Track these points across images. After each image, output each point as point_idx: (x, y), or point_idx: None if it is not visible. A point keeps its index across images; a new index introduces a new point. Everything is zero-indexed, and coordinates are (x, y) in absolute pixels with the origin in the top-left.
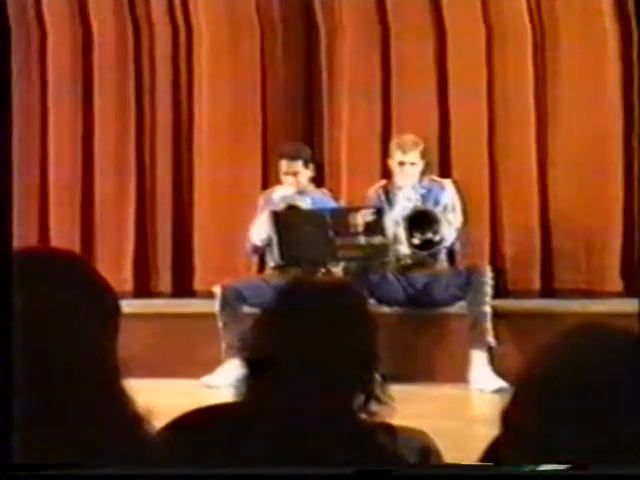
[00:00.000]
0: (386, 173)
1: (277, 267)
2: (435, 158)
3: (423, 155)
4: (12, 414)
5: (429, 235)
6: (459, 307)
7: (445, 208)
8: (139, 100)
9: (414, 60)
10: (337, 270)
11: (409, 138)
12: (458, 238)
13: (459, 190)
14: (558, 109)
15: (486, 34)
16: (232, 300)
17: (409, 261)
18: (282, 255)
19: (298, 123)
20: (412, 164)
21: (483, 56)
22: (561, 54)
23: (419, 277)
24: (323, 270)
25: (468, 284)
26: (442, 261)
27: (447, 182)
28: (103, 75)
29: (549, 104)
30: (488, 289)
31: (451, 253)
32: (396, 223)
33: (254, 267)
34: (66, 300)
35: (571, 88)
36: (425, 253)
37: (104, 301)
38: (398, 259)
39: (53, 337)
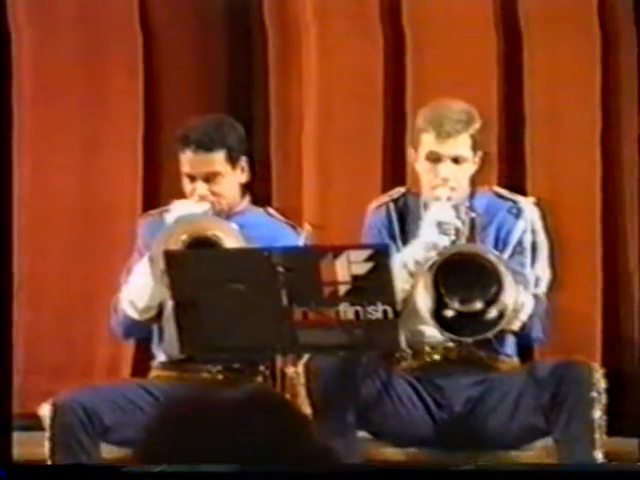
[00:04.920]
0: (395, 175)
1: (173, 364)
2: (495, 151)
3: (478, 142)
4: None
5: (477, 304)
6: (541, 450)
7: (520, 252)
8: None
9: None
10: (296, 371)
11: (454, 108)
12: (539, 314)
13: (548, 218)
14: None
15: None
16: (77, 432)
17: (438, 355)
18: (183, 340)
19: (218, 73)
20: (456, 160)
21: None
22: None
23: (460, 388)
24: (266, 371)
25: (558, 402)
26: (507, 356)
27: (526, 202)
28: None
29: None
30: (597, 413)
31: (523, 342)
32: (415, 276)
33: (127, 365)
34: None
35: None
36: (470, 340)
37: None
38: (418, 351)
39: None
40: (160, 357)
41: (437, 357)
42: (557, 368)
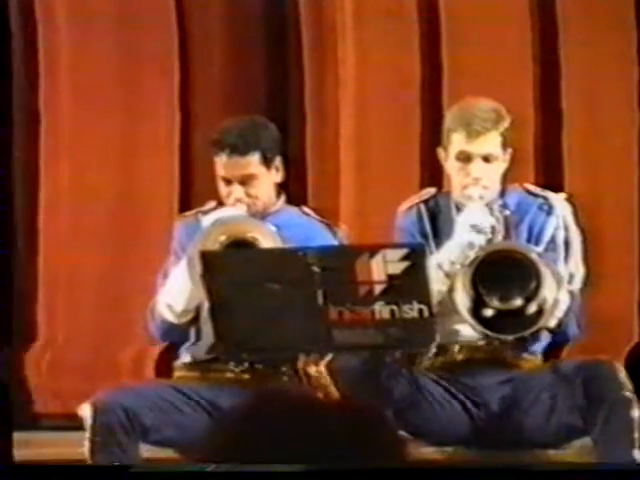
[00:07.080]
0: (433, 175)
1: (196, 364)
2: (531, 148)
3: (508, 140)
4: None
5: (517, 301)
6: (579, 449)
7: (553, 249)
8: None
9: None
10: (318, 370)
11: (482, 107)
12: (574, 310)
13: (579, 214)
14: None
15: None
16: (116, 432)
17: (462, 354)
18: (219, 341)
19: (254, 72)
20: (487, 159)
21: None
22: None
23: (490, 386)
24: (302, 370)
25: (595, 402)
26: (531, 354)
27: (557, 198)
28: None
29: None
30: (635, 412)
31: (560, 339)
32: (451, 275)
33: (150, 367)
34: None
35: None
36: (510, 338)
37: None
38: (451, 350)
39: None
40: (184, 358)
41: (460, 356)
42: (581, 367)
